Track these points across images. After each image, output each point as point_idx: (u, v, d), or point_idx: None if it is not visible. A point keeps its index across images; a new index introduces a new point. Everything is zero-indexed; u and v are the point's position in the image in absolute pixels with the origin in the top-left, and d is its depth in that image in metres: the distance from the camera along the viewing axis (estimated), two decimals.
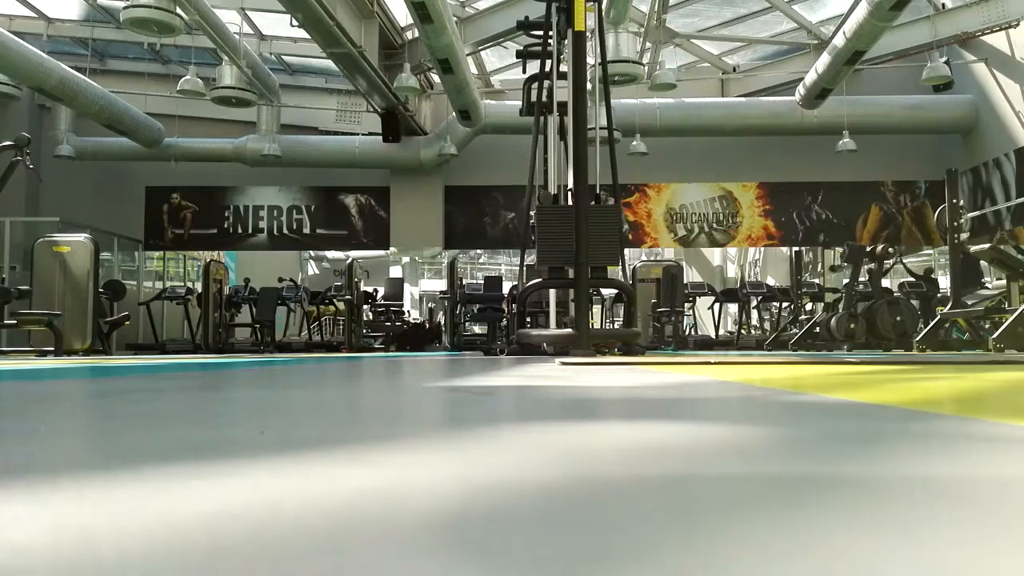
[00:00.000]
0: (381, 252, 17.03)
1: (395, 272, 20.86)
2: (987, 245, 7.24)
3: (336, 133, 14.46)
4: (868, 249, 9.28)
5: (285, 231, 14.97)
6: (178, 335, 13.54)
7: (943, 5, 11.77)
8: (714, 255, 19.56)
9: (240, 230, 14.96)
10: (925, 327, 7.98)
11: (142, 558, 0.38)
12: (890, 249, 8.60)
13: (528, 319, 8.12)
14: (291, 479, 0.61)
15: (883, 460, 0.73)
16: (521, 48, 9.47)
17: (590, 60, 6.98)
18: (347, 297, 10.44)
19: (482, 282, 14.32)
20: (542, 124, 7.86)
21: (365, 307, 12.05)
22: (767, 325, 14.43)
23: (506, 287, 11.89)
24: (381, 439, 0.91)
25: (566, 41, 6.59)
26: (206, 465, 0.70)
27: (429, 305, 19.21)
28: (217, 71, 11.71)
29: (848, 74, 11.53)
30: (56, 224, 11.97)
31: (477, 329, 14.36)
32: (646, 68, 11.53)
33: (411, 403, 1.57)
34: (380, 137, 13.52)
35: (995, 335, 6.42)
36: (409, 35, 12.63)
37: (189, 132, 14.07)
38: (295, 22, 9.82)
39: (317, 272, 22.20)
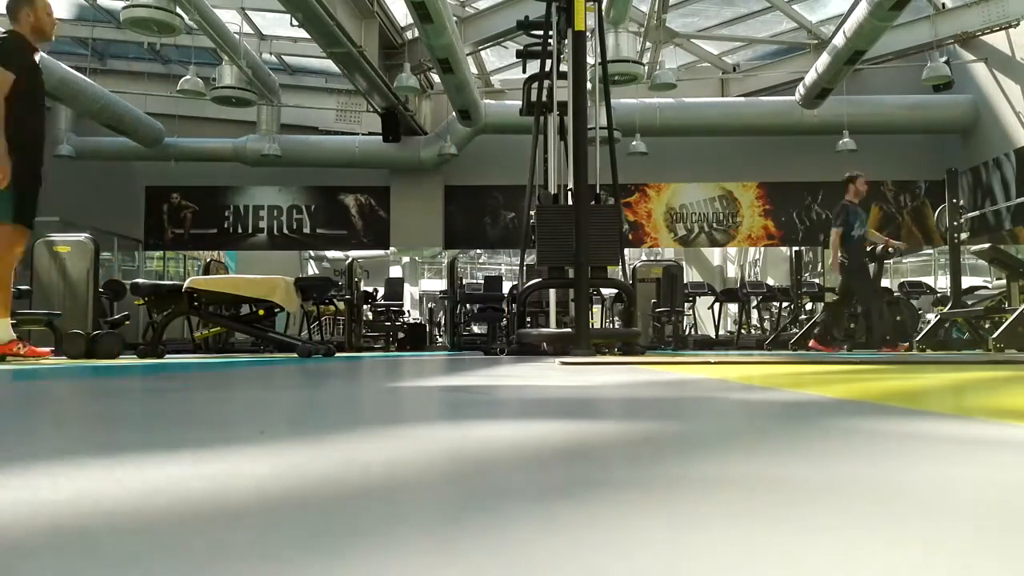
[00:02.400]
0: (381, 252, 17.02)
1: (395, 272, 20.84)
2: (987, 245, 7.24)
3: (336, 133, 14.47)
4: (868, 249, 9.27)
5: (285, 231, 14.97)
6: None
7: (943, 5, 11.77)
8: (714, 255, 19.56)
9: (240, 230, 14.96)
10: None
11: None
12: (890, 249, 8.59)
13: (528, 319, 8.12)
14: (285, 469, 0.61)
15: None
16: (521, 48, 9.47)
17: (590, 60, 6.97)
18: (347, 297, 10.43)
19: (482, 282, 14.32)
20: (542, 124, 7.86)
21: (365, 307, 12.04)
22: (767, 325, 14.42)
23: (506, 287, 11.88)
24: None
25: (566, 41, 6.59)
26: (207, 463, 0.70)
27: (429, 305, 19.19)
28: (217, 71, 11.70)
29: (848, 74, 11.52)
30: (56, 224, 11.96)
31: (476, 329, 14.36)
32: (646, 68, 11.53)
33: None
34: (380, 137, 13.52)
35: (995, 335, 6.42)
36: (409, 35, 12.63)
37: (189, 132, 14.07)
38: (295, 22, 9.83)
39: (317, 272, 22.22)
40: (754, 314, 14.41)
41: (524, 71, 8.85)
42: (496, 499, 0.52)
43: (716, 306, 13.50)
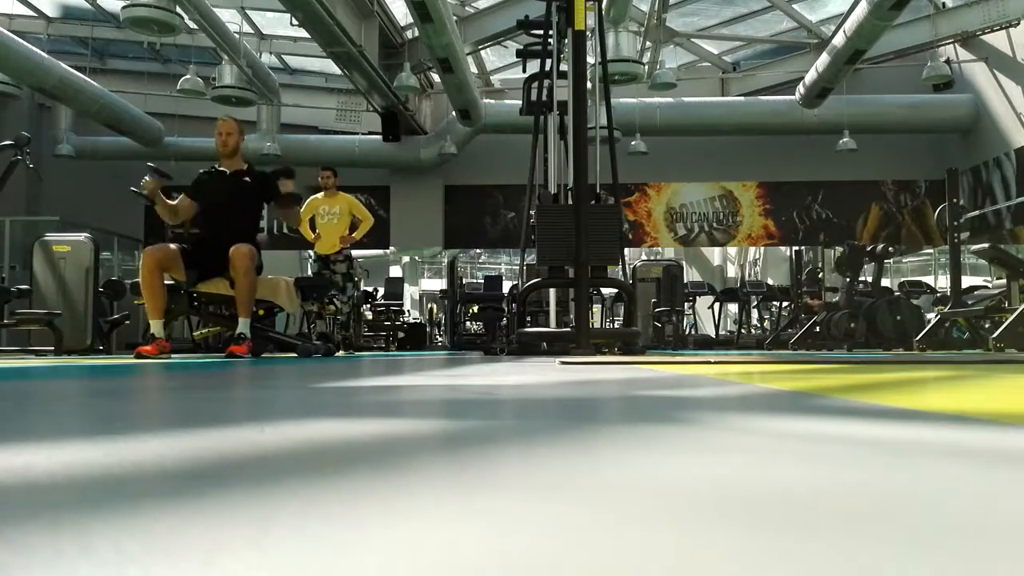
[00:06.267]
0: (381, 252, 17.02)
1: (395, 272, 20.84)
2: (987, 245, 7.24)
3: (336, 132, 14.46)
4: (868, 249, 9.28)
5: (285, 230, 14.95)
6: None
7: (943, 5, 11.77)
8: (714, 255, 19.56)
9: None
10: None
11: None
12: (890, 248, 8.59)
13: (528, 318, 8.12)
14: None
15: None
16: (521, 47, 9.47)
17: (590, 59, 6.97)
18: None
19: (482, 281, 14.32)
20: (542, 123, 7.86)
21: (365, 307, 12.04)
22: (767, 324, 14.43)
23: (506, 286, 11.88)
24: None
25: (566, 40, 6.59)
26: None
27: (429, 305, 19.20)
28: (217, 70, 11.70)
29: (848, 73, 11.52)
30: (56, 223, 11.96)
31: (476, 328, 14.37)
32: (646, 67, 11.53)
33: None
34: (380, 136, 13.51)
35: (995, 335, 6.41)
36: (409, 34, 12.63)
37: (189, 131, 14.06)
38: (295, 22, 9.83)
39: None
40: (754, 314, 14.41)
41: (524, 71, 8.85)
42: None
43: (716, 306, 13.50)
